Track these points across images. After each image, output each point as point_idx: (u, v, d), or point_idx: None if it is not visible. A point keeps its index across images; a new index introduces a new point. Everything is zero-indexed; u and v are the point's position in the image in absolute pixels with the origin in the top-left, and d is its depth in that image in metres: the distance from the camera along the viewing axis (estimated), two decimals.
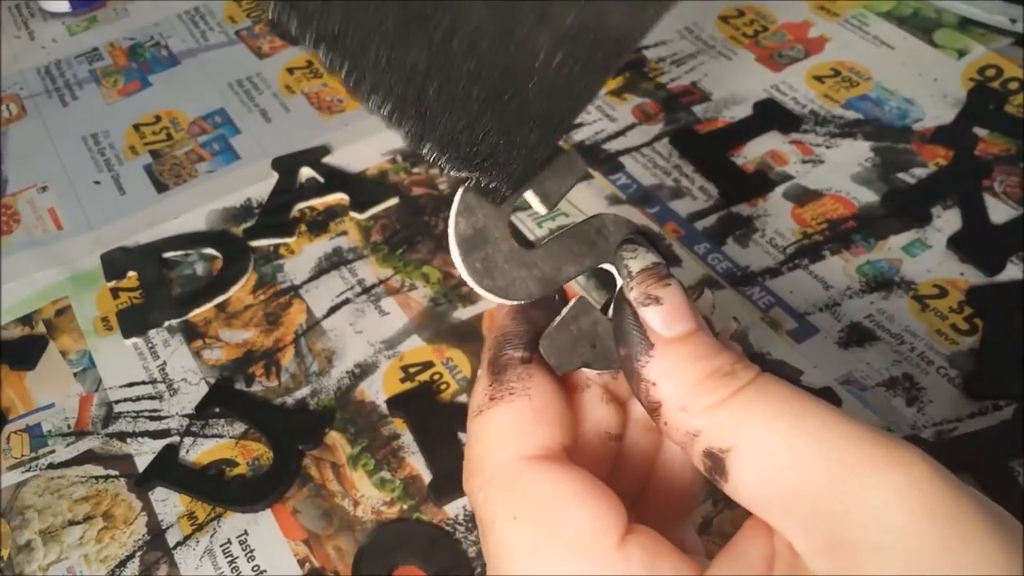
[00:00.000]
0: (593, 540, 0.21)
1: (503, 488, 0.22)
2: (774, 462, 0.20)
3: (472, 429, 0.24)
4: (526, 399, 0.23)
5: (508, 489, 0.22)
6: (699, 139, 0.54)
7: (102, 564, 0.39)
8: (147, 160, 0.57)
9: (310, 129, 0.58)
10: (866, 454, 0.19)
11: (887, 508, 0.18)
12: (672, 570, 0.21)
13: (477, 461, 0.23)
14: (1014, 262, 0.45)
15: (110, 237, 0.53)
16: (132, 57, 0.66)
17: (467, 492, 0.24)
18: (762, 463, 0.20)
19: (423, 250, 0.50)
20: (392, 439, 0.42)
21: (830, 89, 0.56)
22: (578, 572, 0.21)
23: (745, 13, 0.62)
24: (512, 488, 0.22)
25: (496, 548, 0.22)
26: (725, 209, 0.50)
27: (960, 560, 0.18)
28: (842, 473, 0.19)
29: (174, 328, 0.48)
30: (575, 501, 0.21)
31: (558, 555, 0.21)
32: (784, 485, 0.20)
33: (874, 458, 0.19)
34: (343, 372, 0.45)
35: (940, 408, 0.40)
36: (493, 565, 0.22)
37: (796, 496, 0.19)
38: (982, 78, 0.55)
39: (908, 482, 0.18)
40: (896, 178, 0.50)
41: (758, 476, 0.20)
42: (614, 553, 0.21)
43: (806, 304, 0.45)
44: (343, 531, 0.39)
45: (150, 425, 0.44)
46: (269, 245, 0.51)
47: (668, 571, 0.21)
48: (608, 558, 0.21)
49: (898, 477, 0.19)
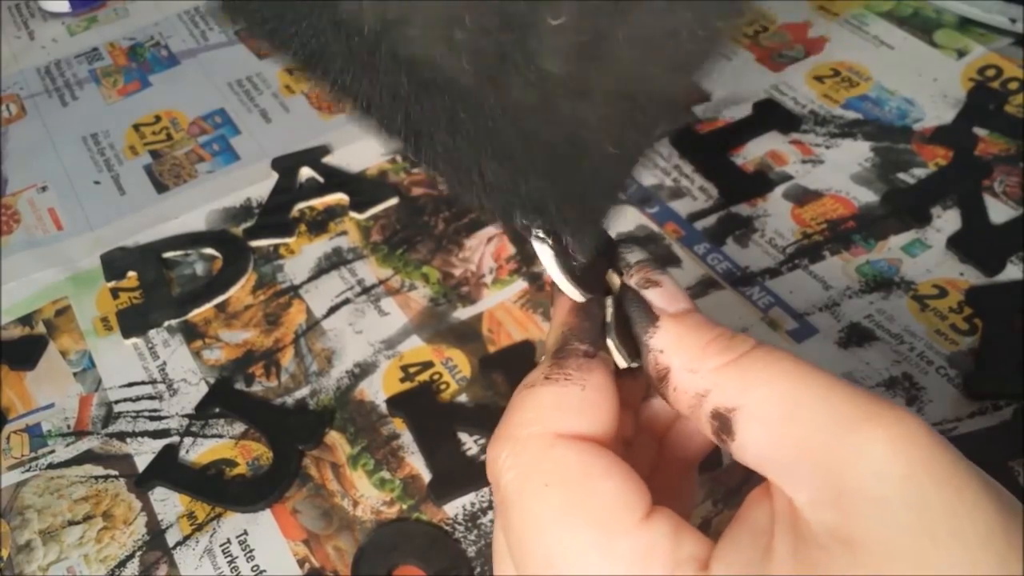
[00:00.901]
0: (620, 512, 0.22)
1: (536, 455, 0.23)
2: (779, 420, 0.21)
3: (517, 399, 0.24)
4: (580, 387, 0.24)
5: (541, 456, 0.23)
6: (699, 139, 0.54)
7: (102, 564, 0.39)
8: (147, 160, 0.58)
9: (310, 129, 0.58)
10: (864, 411, 0.20)
11: (886, 460, 0.19)
12: (693, 545, 0.21)
13: (514, 428, 0.24)
14: (1014, 262, 0.45)
15: (110, 237, 0.53)
16: (132, 57, 0.66)
17: (490, 457, 0.24)
18: (767, 421, 0.21)
19: (423, 250, 0.50)
20: (392, 439, 0.42)
21: (830, 89, 0.56)
22: (604, 541, 0.21)
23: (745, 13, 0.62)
24: (544, 456, 0.23)
25: (523, 515, 0.22)
26: (725, 209, 0.50)
27: (956, 508, 0.19)
28: (843, 428, 0.20)
29: (174, 328, 0.48)
30: (605, 475, 0.22)
31: (586, 523, 0.22)
32: (788, 442, 0.20)
33: (872, 414, 0.20)
34: (343, 372, 0.45)
35: (940, 408, 0.40)
36: (516, 532, 0.23)
37: (800, 451, 0.20)
38: (982, 78, 0.55)
39: (904, 436, 0.19)
40: (896, 178, 0.50)
41: (764, 434, 0.21)
42: (641, 524, 0.21)
43: (806, 304, 0.45)
44: (343, 531, 0.39)
45: (150, 425, 0.44)
46: (269, 245, 0.51)
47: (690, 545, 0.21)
48: (635, 529, 0.21)
49: (895, 431, 0.19)
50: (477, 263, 0.49)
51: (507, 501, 0.23)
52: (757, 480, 0.23)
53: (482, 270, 0.48)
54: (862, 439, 0.19)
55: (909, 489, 0.19)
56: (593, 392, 0.24)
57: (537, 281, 0.48)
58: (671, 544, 0.21)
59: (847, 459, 0.19)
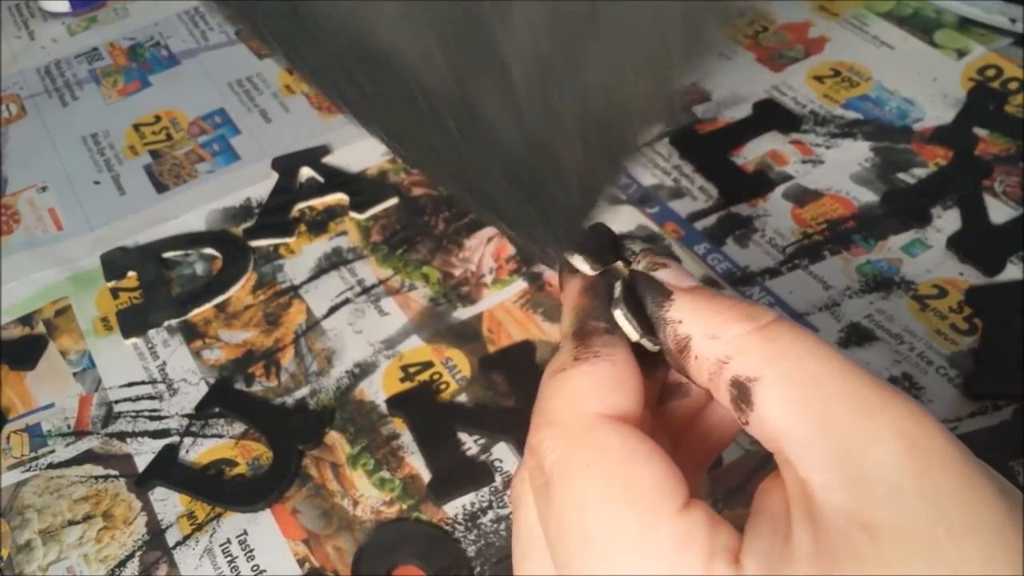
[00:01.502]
0: (662, 498, 0.22)
1: (579, 438, 0.23)
2: (801, 397, 0.21)
3: (550, 385, 0.24)
4: (610, 363, 0.24)
5: (584, 439, 0.23)
6: (699, 139, 0.54)
7: (102, 564, 0.39)
8: (147, 160, 0.58)
9: (310, 129, 0.58)
10: (883, 399, 0.20)
11: (904, 451, 0.19)
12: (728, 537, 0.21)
13: (552, 414, 0.24)
14: (1014, 262, 0.45)
15: (110, 237, 0.53)
16: (132, 57, 0.66)
17: (531, 445, 0.24)
18: (789, 396, 0.21)
19: (423, 250, 0.50)
20: (392, 439, 0.42)
21: (830, 89, 0.56)
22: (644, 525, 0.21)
23: (745, 13, 0.62)
24: (588, 439, 0.23)
25: (566, 497, 0.22)
26: (725, 209, 0.50)
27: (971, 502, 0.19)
28: (864, 414, 0.20)
29: (174, 328, 0.48)
30: (646, 460, 0.22)
31: (627, 506, 0.22)
32: (808, 419, 0.20)
33: (890, 404, 0.20)
34: (343, 372, 0.45)
35: (940, 408, 0.40)
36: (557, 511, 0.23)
37: (818, 430, 0.20)
38: (982, 78, 0.55)
39: (921, 430, 0.20)
40: (896, 178, 0.50)
41: (783, 408, 0.21)
42: (680, 513, 0.21)
43: (806, 304, 0.45)
44: (342, 531, 0.39)
45: (150, 425, 0.44)
46: (269, 245, 0.51)
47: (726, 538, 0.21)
48: (675, 517, 0.21)
49: (911, 423, 0.20)
50: (477, 263, 0.49)
51: (550, 481, 0.23)
52: (758, 480, 0.23)
53: (482, 270, 0.48)
54: (882, 427, 0.20)
55: (924, 480, 0.19)
56: (623, 366, 0.24)
57: (537, 281, 0.48)
58: (708, 534, 0.21)
59: (865, 444, 0.20)
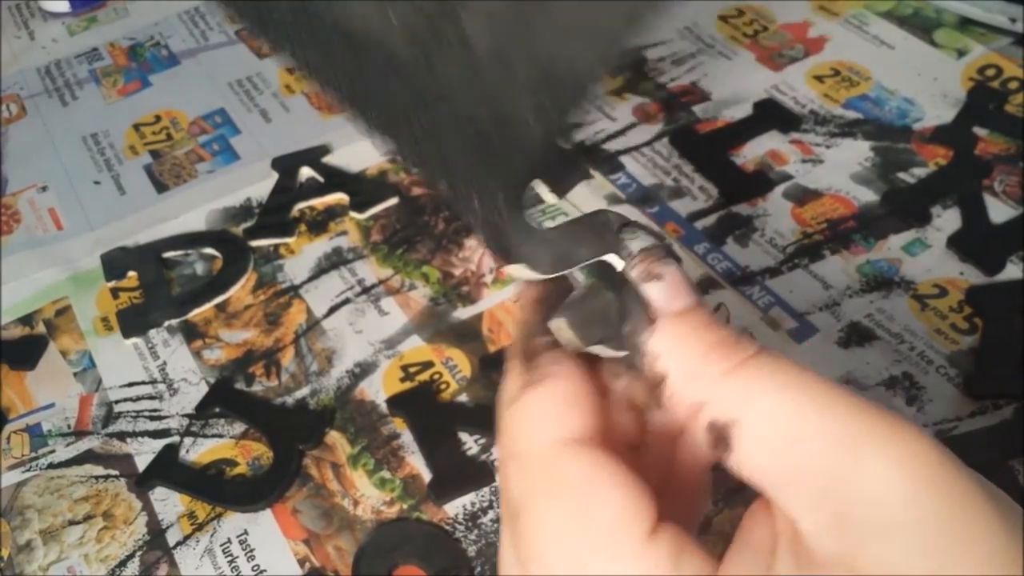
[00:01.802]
0: (625, 528, 0.21)
1: (541, 470, 0.22)
2: (780, 436, 0.20)
3: (507, 418, 0.24)
4: (560, 381, 0.23)
5: (545, 472, 0.22)
6: (699, 139, 0.54)
7: (102, 564, 0.39)
8: (147, 160, 0.57)
9: (310, 129, 0.58)
10: (869, 427, 0.19)
11: (892, 481, 0.18)
12: (695, 567, 0.21)
13: (512, 446, 0.23)
14: (1014, 262, 0.45)
15: (110, 237, 0.53)
16: (132, 57, 0.66)
17: (502, 477, 0.24)
18: (768, 437, 0.20)
19: (423, 250, 0.50)
20: (392, 439, 0.42)
21: (830, 89, 0.56)
22: (608, 558, 0.21)
23: (745, 13, 0.62)
24: (549, 471, 0.22)
25: (529, 531, 0.22)
26: (725, 209, 0.50)
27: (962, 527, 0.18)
28: (847, 447, 0.19)
29: (174, 328, 0.48)
30: (610, 486, 0.22)
31: (590, 539, 0.21)
32: (790, 460, 0.20)
33: (876, 431, 0.19)
34: (343, 372, 0.45)
35: (940, 407, 0.40)
36: (523, 550, 0.22)
37: (802, 471, 0.19)
38: (982, 78, 0.55)
39: (910, 455, 0.19)
40: (896, 178, 0.50)
41: (763, 450, 0.20)
42: (644, 543, 0.21)
43: (806, 304, 0.45)
44: (343, 531, 0.39)
45: (150, 425, 0.44)
46: (269, 245, 0.51)
47: (691, 568, 0.21)
48: (638, 548, 0.21)
49: (900, 449, 0.19)
50: (477, 263, 0.49)
51: (517, 513, 0.23)
52: None
53: (482, 270, 0.48)
54: (867, 458, 0.19)
55: (916, 512, 0.18)
56: (571, 382, 0.23)
57: None
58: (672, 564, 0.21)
59: (850, 482, 0.19)
